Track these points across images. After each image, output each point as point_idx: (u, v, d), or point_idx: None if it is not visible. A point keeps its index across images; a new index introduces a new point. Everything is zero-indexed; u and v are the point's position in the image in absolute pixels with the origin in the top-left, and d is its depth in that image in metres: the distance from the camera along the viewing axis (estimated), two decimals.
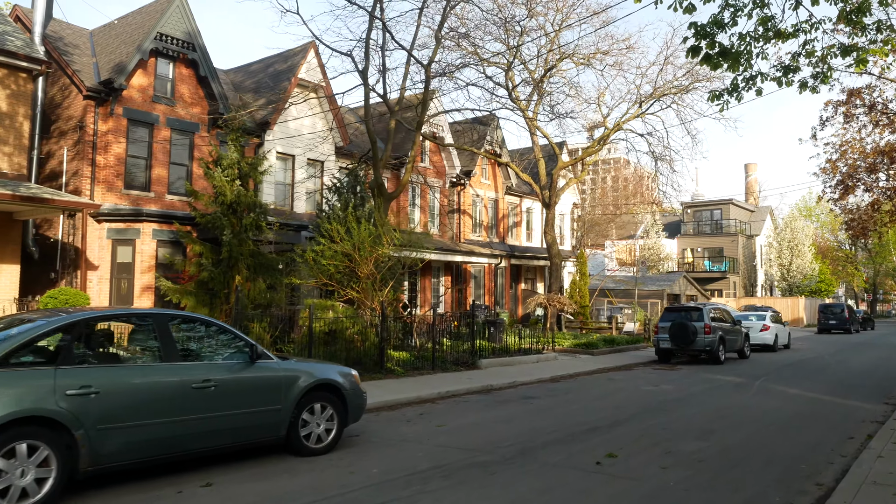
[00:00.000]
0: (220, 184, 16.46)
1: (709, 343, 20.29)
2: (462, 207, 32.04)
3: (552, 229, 30.02)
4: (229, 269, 16.46)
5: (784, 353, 25.32)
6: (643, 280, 46.49)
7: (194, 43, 20.81)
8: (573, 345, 23.24)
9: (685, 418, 10.82)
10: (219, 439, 7.09)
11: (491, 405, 12.12)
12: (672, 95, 27.63)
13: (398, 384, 13.78)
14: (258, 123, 23.11)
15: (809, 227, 58.99)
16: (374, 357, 14.68)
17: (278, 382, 7.59)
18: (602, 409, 11.74)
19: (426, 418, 10.65)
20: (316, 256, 14.61)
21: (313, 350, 13.72)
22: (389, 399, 12.09)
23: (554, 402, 12.45)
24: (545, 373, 16.84)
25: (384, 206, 16.62)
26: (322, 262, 14.43)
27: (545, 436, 9.21)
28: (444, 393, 13.19)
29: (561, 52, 28.05)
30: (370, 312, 14.98)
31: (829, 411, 11.73)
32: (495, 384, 14.57)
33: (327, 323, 14.41)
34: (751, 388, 14.96)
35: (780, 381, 16.35)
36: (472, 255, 28.75)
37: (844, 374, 18.30)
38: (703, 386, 15.17)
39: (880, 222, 25.87)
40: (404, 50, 17.22)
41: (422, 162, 29.75)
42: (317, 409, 7.96)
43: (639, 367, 19.58)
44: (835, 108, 17.52)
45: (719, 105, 10.45)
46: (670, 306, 23.01)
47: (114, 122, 19.36)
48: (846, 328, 41.76)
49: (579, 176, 32.33)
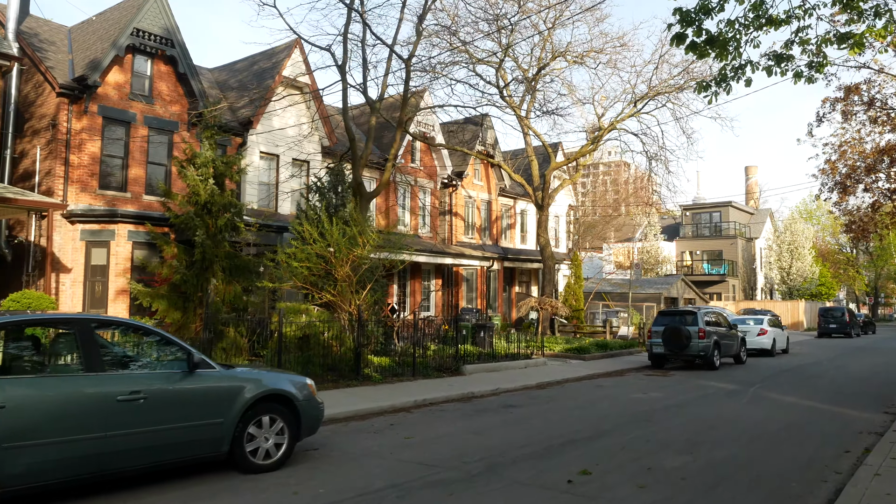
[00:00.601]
0: (194, 183, 15.84)
1: (703, 348, 19.64)
2: (454, 209, 31.42)
3: (545, 231, 29.38)
4: (203, 271, 15.82)
5: (782, 358, 24.66)
6: (640, 283, 45.84)
7: (173, 39, 20.23)
8: (564, 349, 22.60)
9: (671, 429, 10.18)
10: (152, 456, 6.46)
11: (468, 414, 11.48)
12: (667, 94, 27.03)
13: (374, 391, 13.15)
14: (241, 122, 22.53)
15: (810, 230, 58.29)
16: (349, 363, 14.05)
17: (220, 393, 6.96)
18: (585, 418, 11.10)
19: (396, 429, 10.01)
20: (288, 258, 13.97)
21: (284, 356, 13.09)
22: (361, 408, 11.46)
23: (535, 411, 11.81)
24: (531, 379, 16.20)
25: (364, 206, 16.01)
26: (294, 264, 13.80)
27: (518, 449, 8.57)
28: (421, 401, 12.55)
29: (554, 50, 27.46)
30: (347, 316, 14.35)
31: (824, 422, 11.09)
32: (477, 391, 13.93)
33: (300, 327, 13.77)
34: (744, 395, 14.30)
35: (775, 388, 15.69)
36: (463, 258, 28.13)
37: (843, 380, 17.64)
38: (695, 394, 14.51)
39: (881, 224, 25.22)
40: (384, 44, 16.66)
41: (412, 162, 29.16)
42: (265, 423, 7.32)
43: (631, 373, 18.93)
44: (832, 104, 16.88)
45: (707, 97, 9.83)
46: (664, 310, 22.36)
47: (88, 120, 18.77)
48: (847, 332, 41.06)
49: (573, 177, 31.70)
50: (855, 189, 23.17)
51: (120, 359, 6.70)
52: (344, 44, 15.77)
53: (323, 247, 13.90)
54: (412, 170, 29.08)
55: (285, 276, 14.29)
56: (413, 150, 29.34)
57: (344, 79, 16.09)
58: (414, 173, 29.09)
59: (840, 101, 16.62)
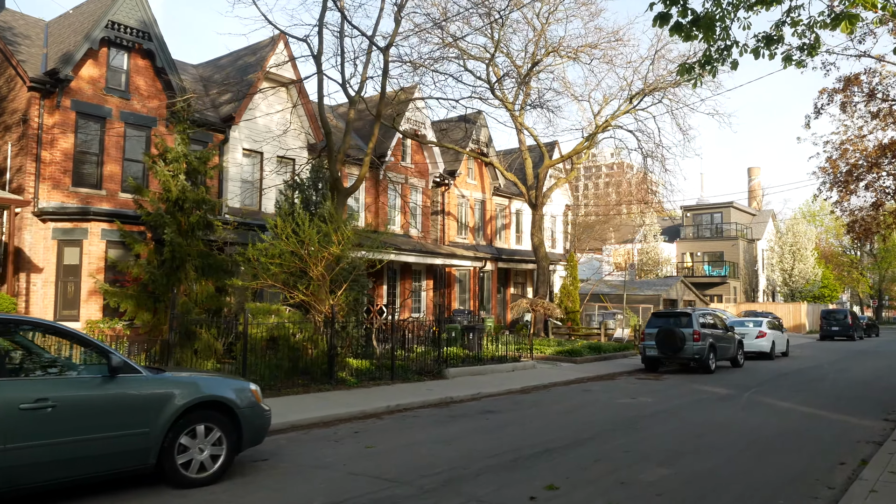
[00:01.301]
0: (164, 179, 15.23)
1: (698, 351, 18.93)
2: (446, 208, 30.77)
3: (539, 231, 28.72)
4: (174, 270, 15.19)
5: (781, 362, 23.92)
6: (638, 285, 45.15)
7: (150, 32, 19.63)
8: (556, 352, 21.91)
9: (655, 437, 9.49)
10: (65, 471, 5.80)
11: (441, 421, 10.81)
12: (663, 90, 26.36)
13: (346, 396, 12.48)
14: (222, 118, 21.94)
15: (812, 231, 57.44)
16: (323, 366, 13.39)
17: (145, 401, 6.30)
18: (565, 425, 10.42)
19: (359, 437, 9.34)
20: (257, 255, 13.32)
21: (251, 359, 12.44)
22: (328, 414, 10.79)
23: (513, 418, 11.13)
24: (517, 383, 15.52)
25: (341, 202, 15.37)
26: (263, 261, 13.14)
27: (485, 460, 7.90)
28: (394, 407, 11.88)
29: (548, 45, 26.81)
30: (321, 317, 13.69)
31: (820, 429, 10.39)
32: (456, 396, 13.26)
33: (268, 329, 13.12)
34: (738, 401, 13.60)
35: (771, 392, 14.98)
36: (454, 258, 27.46)
37: (843, 384, 16.92)
38: (686, 399, 13.81)
39: (883, 224, 24.44)
40: (361, 34, 15.99)
41: (402, 161, 28.53)
42: (199, 432, 6.66)
43: (622, 377, 18.24)
44: (830, 95, 16.16)
45: (691, 80, 9.19)
46: (657, 311, 21.66)
47: (61, 115, 18.17)
48: (849, 335, 40.26)
49: (568, 175, 31.04)
50: (857, 188, 22.43)
51: (25, 362, 6.05)
52: (319, 33, 15.13)
53: (295, 244, 13.25)
54: (403, 168, 28.44)
55: (259, 274, 13.62)
56: (404, 148, 28.70)
57: (319, 69, 15.46)
58: (405, 172, 28.46)
59: (839, 92, 15.89)
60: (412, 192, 29.08)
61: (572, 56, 26.57)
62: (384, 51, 15.84)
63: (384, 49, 15.80)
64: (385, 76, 16.21)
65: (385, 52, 15.78)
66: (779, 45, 9.09)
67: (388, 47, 15.85)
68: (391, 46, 16.00)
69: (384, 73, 16.26)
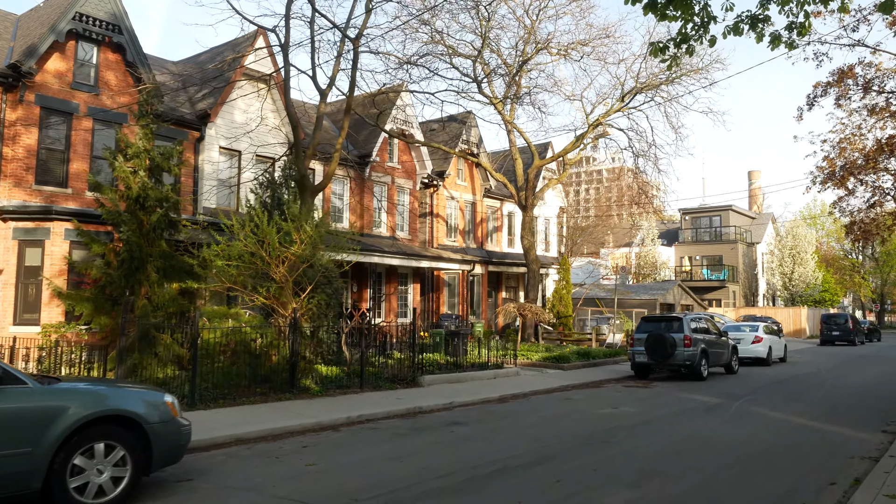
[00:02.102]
0: (124, 175, 14.47)
1: (689, 357, 18.10)
2: (435, 210, 29.98)
3: (530, 233, 27.92)
4: (133, 272, 14.42)
5: (778, 368, 23.08)
6: (634, 289, 44.33)
7: (120, 25, 18.91)
8: (543, 358, 21.09)
9: (630, 453, 8.68)
10: None
11: (402, 434, 10.01)
12: (655, 88, 25.58)
13: (306, 406, 11.68)
14: (198, 115, 21.21)
15: (812, 234, 56.52)
16: (284, 374, 12.60)
17: (28, 416, 5.52)
18: (534, 439, 9.61)
19: (304, 453, 8.55)
20: (212, 256, 12.53)
21: (204, 367, 11.65)
22: (280, 426, 10.00)
23: (480, 431, 10.33)
24: (496, 391, 14.71)
25: (307, 200, 14.60)
26: (218, 262, 12.36)
27: (434, 480, 7.11)
28: (356, 418, 11.08)
29: (538, 42, 26.06)
30: (284, 322, 12.90)
31: (812, 443, 9.57)
32: (426, 406, 12.46)
33: (225, 334, 12.33)
34: (727, 411, 12.78)
35: (763, 401, 14.15)
36: (441, 261, 26.65)
37: (841, 392, 16.09)
38: (671, 409, 12.99)
39: (883, 226, 23.58)
40: (331, 24, 15.15)
41: (389, 161, 27.77)
42: (98, 451, 5.88)
43: (609, 384, 17.42)
44: (824, 88, 15.37)
45: (665, 61, 8.41)
46: (647, 316, 20.84)
47: (24, 109, 17.44)
48: (850, 340, 39.35)
49: (560, 177, 30.22)
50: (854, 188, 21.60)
51: None
52: (286, 22, 14.38)
53: (254, 244, 12.47)
54: (390, 169, 27.68)
55: (218, 277, 12.84)
56: (391, 148, 27.94)
57: (286, 60, 14.70)
58: (391, 172, 27.70)
59: (833, 85, 15.10)
60: (399, 193, 28.31)
61: (563, 53, 25.81)
62: (354, 41, 15.07)
63: (354, 40, 15.03)
64: (355, 68, 15.46)
65: (355, 42, 15.02)
66: (765, 25, 8.30)
67: (358, 37, 15.06)
68: (361, 37, 15.21)
69: (353, 65, 15.49)
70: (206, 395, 11.39)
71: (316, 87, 15.93)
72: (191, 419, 10.27)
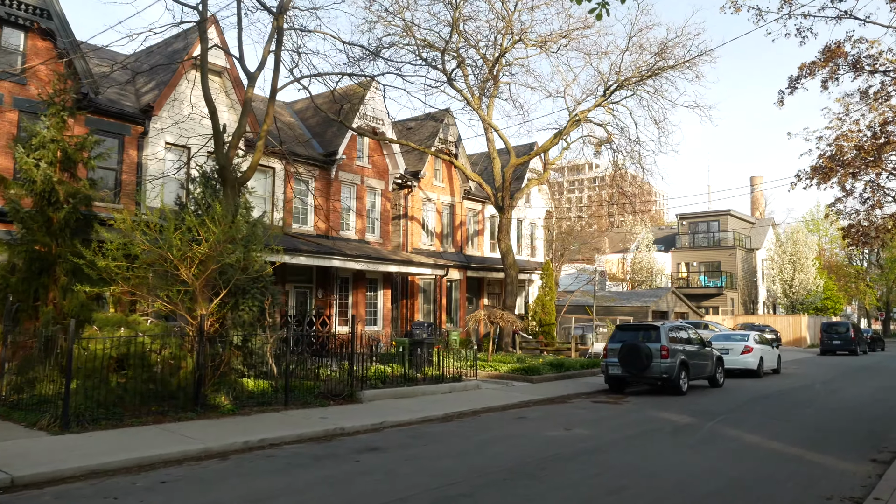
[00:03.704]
0: (27, 167, 13.00)
1: (666, 369, 16.48)
2: (409, 213, 28.45)
3: (507, 236, 26.36)
4: (37, 275, 12.93)
5: (769, 380, 21.40)
6: (626, 296, 42.75)
7: (49, 10, 17.49)
8: (513, 370, 19.47)
9: (555, 492, 7.11)
10: None
11: (297, 464, 8.44)
12: (640, 82, 24.05)
13: (202, 429, 10.11)
14: (141, 108, 19.79)
15: (813, 240, 54.67)
16: (189, 390, 11.05)
17: None
18: (447, 472, 8.03)
19: (158, 491, 7.00)
20: (93, 256, 11.01)
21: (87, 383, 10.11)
22: (153, 454, 8.44)
23: (391, 460, 8.74)
24: (443, 409, 13.14)
25: (230, 194, 13.11)
26: (101, 263, 10.83)
27: None
28: (256, 443, 9.52)
29: (513, 33, 24.58)
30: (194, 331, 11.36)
31: (783, 477, 7.97)
32: (349, 427, 10.89)
33: (115, 345, 10.79)
34: (695, 433, 11.17)
35: (742, 421, 12.53)
36: (410, 265, 25.08)
37: (832, 409, 14.45)
38: (633, 431, 11.38)
39: (883, 229, 21.82)
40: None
41: (358, 160, 26.28)
42: None
43: (577, 400, 15.80)
44: (809, 69, 13.77)
45: (594, 10, 6.87)
46: (622, 324, 19.27)
47: None
48: (851, 349, 37.56)
49: (542, 177, 28.69)
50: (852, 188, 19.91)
51: None
52: None
53: (147, 242, 10.95)
54: (359, 168, 26.19)
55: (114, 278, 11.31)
56: (360, 146, 26.46)
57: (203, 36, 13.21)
58: (360, 172, 26.21)
59: (819, 65, 13.48)
60: (370, 194, 26.80)
61: (540, 45, 24.32)
62: (277, 16, 13.59)
63: (277, 14, 13.54)
64: (279, 44, 13.91)
65: (278, 17, 13.52)
66: None
67: (280, 12, 13.55)
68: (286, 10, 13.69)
69: (278, 42, 13.95)
70: (85, 416, 9.86)
71: (244, 70, 14.46)
72: (53, 445, 8.85)
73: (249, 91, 14.48)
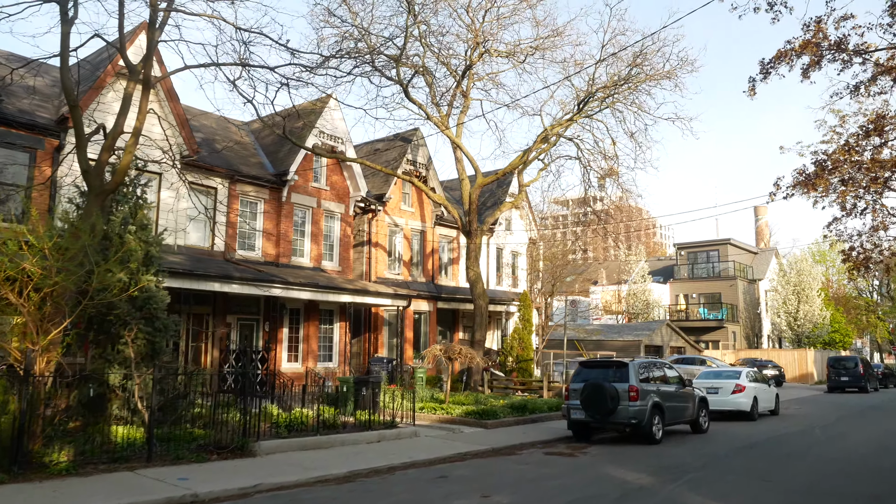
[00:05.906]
0: None
1: (635, 413, 14.07)
2: (374, 239, 26.34)
3: (475, 263, 24.16)
4: None
5: (764, 423, 18.89)
6: (618, 329, 40.31)
7: None
8: (466, 413, 17.07)
9: None
10: None
11: None
12: (615, 92, 22.06)
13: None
14: (56, 121, 17.93)
15: (818, 270, 52.07)
16: (7, 444, 8.80)
17: None
18: None
19: None
20: None
21: None
22: None
23: None
24: (349, 465, 10.81)
25: (93, 202, 11.06)
26: None
27: None
28: None
29: (478, 43, 22.74)
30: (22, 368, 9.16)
31: None
32: (206, 493, 8.58)
33: None
34: (647, 501, 8.77)
35: (712, 482, 10.12)
36: (367, 295, 22.82)
37: (827, 463, 11.98)
38: (567, 497, 8.99)
39: (888, 251, 19.56)
40: None
41: (315, 181, 24.28)
42: None
43: (528, 451, 13.38)
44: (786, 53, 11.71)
45: None
46: (586, 360, 16.86)
47: None
48: (861, 386, 34.80)
49: (515, 200, 26.58)
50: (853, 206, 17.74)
51: None
52: None
53: None
54: (315, 190, 24.18)
55: None
56: (317, 167, 24.49)
57: (63, 18, 11.33)
58: (317, 195, 24.19)
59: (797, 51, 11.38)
60: (328, 218, 24.72)
61: (508, 54, 22.45)
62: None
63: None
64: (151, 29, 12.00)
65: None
66: None
67: None
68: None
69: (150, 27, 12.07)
70: None
71: (125, 62, 12.55)
72: None
73: (130, 86, 12.51)
